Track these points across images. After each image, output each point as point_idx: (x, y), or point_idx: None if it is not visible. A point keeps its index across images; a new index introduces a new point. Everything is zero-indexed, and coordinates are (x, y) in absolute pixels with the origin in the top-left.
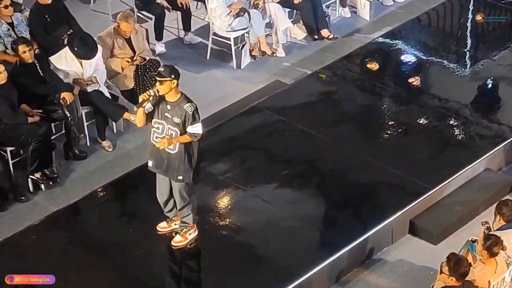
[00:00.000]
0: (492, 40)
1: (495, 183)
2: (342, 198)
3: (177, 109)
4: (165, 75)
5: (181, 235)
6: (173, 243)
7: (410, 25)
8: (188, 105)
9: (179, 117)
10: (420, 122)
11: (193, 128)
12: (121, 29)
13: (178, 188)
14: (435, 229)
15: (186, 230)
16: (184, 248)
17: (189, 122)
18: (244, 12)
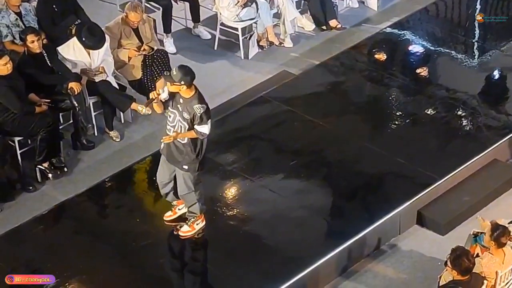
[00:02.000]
0: (501, 30)
1: (503, 174)
2: (350, 189)
3: (188, 107)
4: (175, 80)
5: (188, 225)
6: (181, 233)
7: (418, 15)
8: (198, 106)
9: (188, 114)
10: (427, 113)
11: (200, 127)
12: (129, 19)
13: (183, 175)
14: (443, 219)
15: (193, 220)
16: (192, 238)
17: (197, 122)
18: (251, 2)
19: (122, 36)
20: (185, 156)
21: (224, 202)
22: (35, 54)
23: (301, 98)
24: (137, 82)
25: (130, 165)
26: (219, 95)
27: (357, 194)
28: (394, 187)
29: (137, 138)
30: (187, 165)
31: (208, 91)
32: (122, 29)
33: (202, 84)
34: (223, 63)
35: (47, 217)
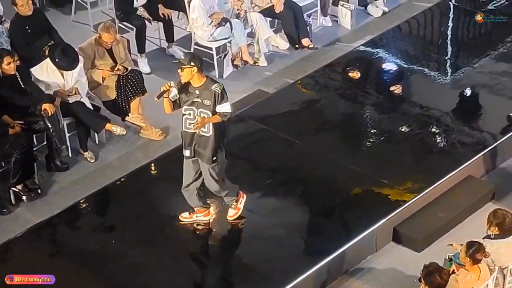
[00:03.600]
0: (473, 48)
1: (477, 190)
2: (326, 206)
3: (207, 92)
4: (184, 63)
5: (233, 208)
6: (229, 218)
7: (391, 33)
8: (216, 85)
9: (209, 99)
10: (402, 130)
11: (222, 107)
12: (103, 40)
13: (209, 171)
14: (418, 236)
15: (235, 203)
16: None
17: (218, 101)
18: (225, 22)
19: (95, 57)
20: (211, 148)
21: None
22: (8, 75)
23: (276, 117)
24: (111, 103)
25: (105, 186)
26: None
27: (334, 212)
28: (370, 204)
29: (112, 158)
30: (216, 156)
31: None
32: (95, 49)
33: None
34: None
35: (21, 239)
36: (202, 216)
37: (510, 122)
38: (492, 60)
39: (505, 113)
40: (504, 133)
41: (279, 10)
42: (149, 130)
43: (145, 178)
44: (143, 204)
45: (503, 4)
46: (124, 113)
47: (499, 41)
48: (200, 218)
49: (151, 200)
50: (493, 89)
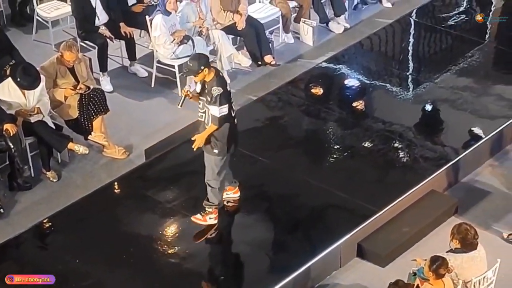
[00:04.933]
0: (434, 63)
1: (440, 204)
2: (291, 223)
3: (208, 90)
4: (195, 70)
5: (202, 215)
6: (192, 218)
7: (352, 49)
8: (214, 89)
9: (209, 97)
10: (365, 146)
11: (211, 107)
12: (64, 59)
13: (212, 161)
14: (382, 251)
15: (208, 211)
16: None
17: (211, 102)
18: (188, 40)
19: (57, 76)
20: (212, 140)
21: (164, 240)
22: None
23: (239, 134)
24: (73, 122)
25: (68, 205)
26: (158, 132)
27: (298, 228)
28: (334, 220)
29: (75, 177)
30: (218, 150)
31: (147, 129)
32: (57, 68)
33: (140, 122)
34: (161, 100)
35: None
36: (232, 194)
37: (472, 137)
38: (453, 75)
39: (467, 128)
40: (466, 147)
41: (241, 28)
42: (112, 149)
43: (108, 197)
44: (107, 223)
45: (463, 19)
46: (87, 132)
47: (460, 56)
48: (230, 195)
49: (114, 219)
50: (455, 103)
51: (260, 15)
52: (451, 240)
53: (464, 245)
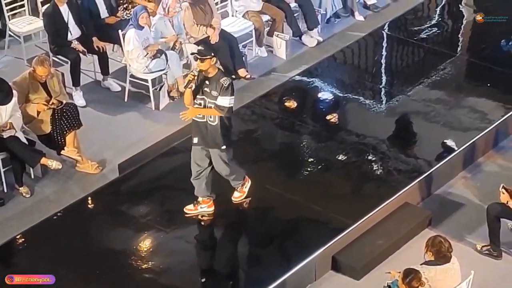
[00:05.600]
0: (406, 76)
1: (414, 217)
2: (265, 236)
3: (215, 83)
4: (207, 54)
5: (238, 191)
6: (234, 199)
7: (326, 63)
8: (224, 79)
9: (216, 91)
10: (339, 159)
11: (220, 100)
12: (37, 74)
13: (220, 157)
14: (357, 264)
15: (241, 186)
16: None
17: (220, 93)
18: (161, 54)
19: (30, 91)
20: (219, 135)
21: (138, 256)
22: None
23: None
24: (46, 137)
25: (41, 221)
26: (131, 147)
27: (273, 242)
28: (309, 233)
29: (48, 193)
30: (225, 143)
31: (120, 143)
32: (30, 83)
33: (114, 136)
34: (134, 115)
35: None
36: (207, 207)
37: (444, 149)
38: (426, 87)
39: (440, 140)
40: (439, 159)
41: (214, 41)
42: (85, 164)
43: (82, 213)
44: (80, 239)
45: (435, 32)
46: (60, 147)
47: (432, 69)
48: (205, 209)
49: (88, 235)
50: (427, 116)
51: (234, 29)
52: (425, 253)
53: (438, 258)
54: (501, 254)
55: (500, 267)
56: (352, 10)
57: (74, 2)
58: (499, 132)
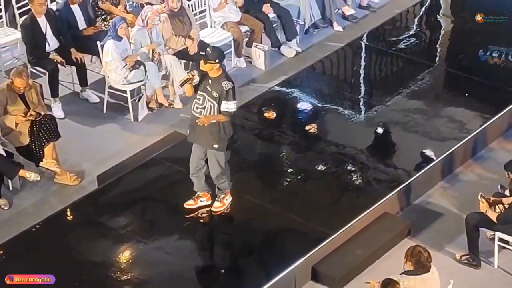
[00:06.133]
0: (385, 86)
1: (393, 227)
2: (245, 247)
3: (217, 85)
4: (211, 58)
5: (219, 201)
6: (213, 209)
7: (305, 73)
8: (226, 83)
9: (217, 92)
10: (318, 169)
11: (225, 105)
12: (15, 85)
13: (215, 156)
14: (337, 274)
15: (223, 196)
16: None
17: (224, 98)
18: (139, 65)
19: (8, 103)
20: (214, 135)
21: (117, 267)
22: None
23: None
24: (24, 148)
25: (19, 233)
26: (111, 158)
27: (253, 252)
28: (289, 244)
29: (27, 205)
30: (217, 144)
31: (99, 155)
32: (7, 95)
33: (92, 148)
34: (113, 126)
35: None
36: (206, 200)
37: (423, 159)
38: (404, 97)
39: (418, 150)
40: (418, 169)
41: (193, 52)
42: (63, 175)
43: (60, 224)
44: (59, 251)
45: (413, 43)
46: (38, 158)
47: (410, 79)
48: (204, 203)
49: (67, 246)
50: (406, 126)
51: (212, 40)
52: (405, 262)
53: (417, 267)
54: (480, 263)
55: (479, 276)
56: (330, 20)
57: (52, 14)
58: (478, 141)
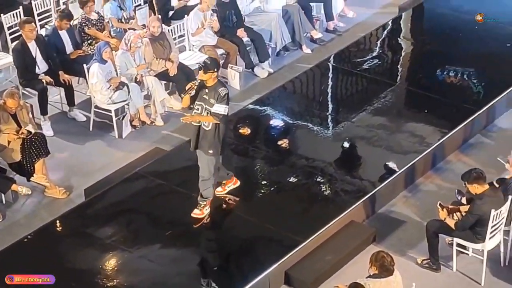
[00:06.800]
0: (351, 104)
1: (359, 234)
2: (223, 254)
3: (213, 92)
4: (211, 68)
5: (199, 209)
6: (193, 215)
7: (276, 92)
8: (222, 89)
9: (214, 99)
10: (290, 181)
11: (216, 107)
12: (7, 106)
13: (206, 160)
14: (308, 278)
15: (203, 205)
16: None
17: (217, 101)
18: (123, 86)
19: (0, 122)
20: (209, 140)
21: (104, 274)
22: None
23: (173, 172)
24: (16, 164)
25: (12, 243)
26: (97, 173)
27: (230, 259)
28: (263, 250)
29: (19, 217)
30: (212, 150)
31: (86, 169)
32: (0, 115)
33: (80, 163)
34: (99, 143)
35: None
36: (232, 185)
37: (387, 171)
38: (369, 114)
39: (382, 162)
40: (382, 180)
41: (173, 74)
42: (53, 189)
43: (50, 235)
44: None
45: (376, 63)
46: (29, 173)
47: (374, 97)
48: (231, 187)
49: (56, 256)
50: (370, 140)
51: (191, 62)
52: (370, 267)
53: (381, 271)
54: (439, 267)
55: (439, 279)
56: (300, 43)
57: (42, 39)
58: (436, 154)
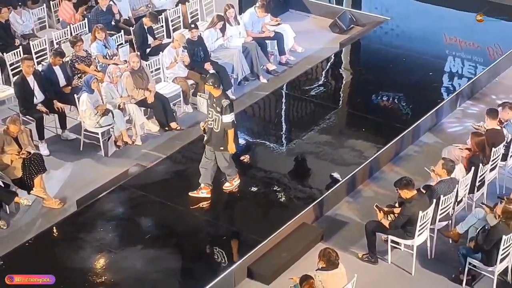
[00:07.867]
0: (301, 124)
1: (310, 234)
2: (195, 253)
3: (218, 102)
4: (210, 83)
5: (228, 182)
6: (224, 187)
7: (239, 116)
8: (224, 100)
9: (219, 107)
10: (251, 190)
11: (224, 118)
12: (10, 130)
13: (222, 155)
14: (267, 272)
15: (231, 179)
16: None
17: (223, 112)
18: (108, 112)
19: (4, 144)
20: (218, 139)
21: (94, 272)
22: None
23: (152, 185)
24: (18, 180)
25: (16, 247)
26: (86, 186)
27: (201, 257)
28: (229, 249)
29: (21, 225)
30: (223, 146)
31: (78, 183)
32: (4, 138)
33: (72, 178)
34: (88, 161)
35: None
36: (206, 193)
37: (332, 180)
38: (316, 133)
39: (328, 173)
40: (328, 188)
41: (150, 101)
42: (50, 201)
43: (48, 240)
44: (47, 261)
45: (322, 90)
46: (29, 188)
47: (320, 118)
48: (204, 195)
49: (53, 257)
50: (318, 155)
51: (165, 91)
52: (318, 261)
53: (328, 265)
54: (377, 260)
55: (377, 270)
56: (257, 74)
57: (38, 73)
58: (373, 166)
